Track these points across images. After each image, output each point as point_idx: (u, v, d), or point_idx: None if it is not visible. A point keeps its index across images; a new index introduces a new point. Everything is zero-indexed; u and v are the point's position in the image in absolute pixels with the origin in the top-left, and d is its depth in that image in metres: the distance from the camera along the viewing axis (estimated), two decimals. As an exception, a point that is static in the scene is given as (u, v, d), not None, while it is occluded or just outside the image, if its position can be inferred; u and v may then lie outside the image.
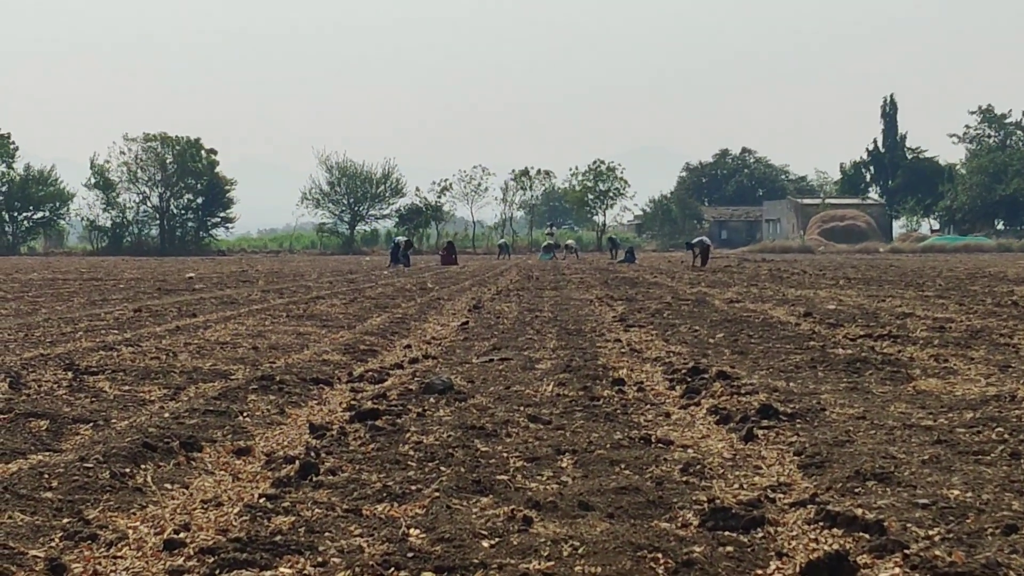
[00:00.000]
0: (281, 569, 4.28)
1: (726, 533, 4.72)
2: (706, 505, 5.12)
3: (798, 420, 7.35)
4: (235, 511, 5.18)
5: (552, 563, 4.28)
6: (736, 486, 5.65)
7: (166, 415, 7.69)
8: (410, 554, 4.40)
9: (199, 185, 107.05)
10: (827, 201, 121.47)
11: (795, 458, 6.24)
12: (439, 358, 11.66)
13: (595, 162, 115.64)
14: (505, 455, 6.42)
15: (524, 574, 4.13)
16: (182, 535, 4.78)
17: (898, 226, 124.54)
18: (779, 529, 4.81)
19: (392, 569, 4.25)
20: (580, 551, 4.43)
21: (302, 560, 4.39)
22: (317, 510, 5.15)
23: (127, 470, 5.95)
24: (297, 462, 6.11)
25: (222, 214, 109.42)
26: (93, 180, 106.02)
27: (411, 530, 4.77)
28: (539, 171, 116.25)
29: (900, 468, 5.76)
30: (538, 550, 4.44)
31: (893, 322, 15.08)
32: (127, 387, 9.23)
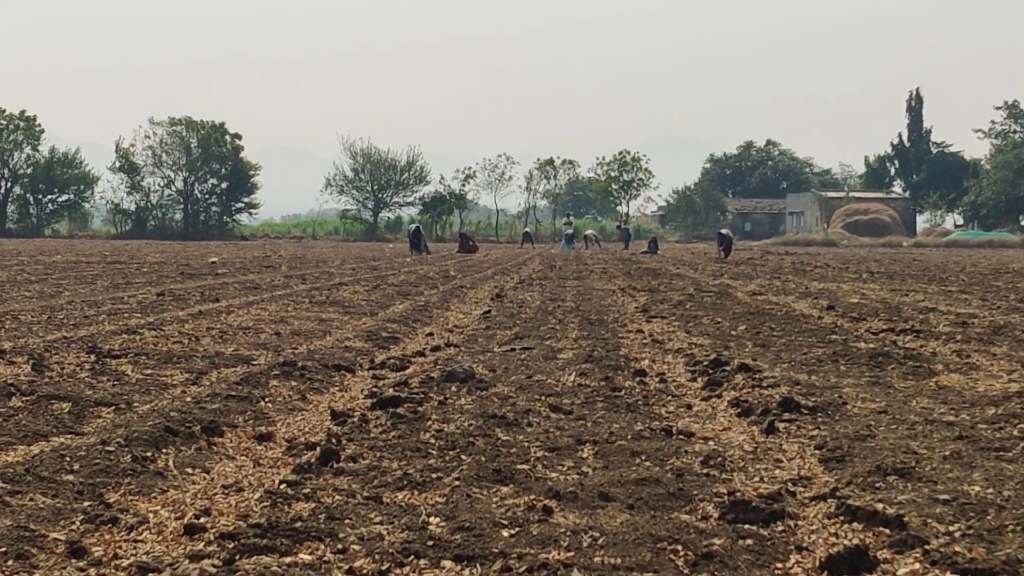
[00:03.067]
0: (301, 555, 4.29)
1: (746, 526, 4.72)
2: (726, 498, 5.12)
3: (819, 414, 7.34)
4: (256, 497, 5.19)
5: (572, 553, 4.28)
6: (757, 479, 5.64)
7: (188, 399, 7.72)
8: (430, 542, 4.41)
9: (223, 170, 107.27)
10: (851, 194, 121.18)
11: (816, 452, 6.23)
12: (461, 346, 11.67)
13: (621, 152, 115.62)
14: (526, 444, 6.42)
15: (544, 564, 4.13)
16: (203, 520, 4.79)
17: (922, 220, 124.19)
18: (799, 523, 4.81)
19: (412, 557, 4.26)
20: (600, 542, 4.43)
21: (322, 547, 4.40)
22: (338, 497, 5.16)
23: (148, 454, 5.97)
24: (318, 448, 6.12)
25: (246, 199, 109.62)
26: (118, 163, 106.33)
27: (431, 518, 4.78)
28: (563, 160, 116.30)
29: (921, 463, 5.74)
30: (558, 540, 4.44)
31: (916, 317, 15.03)
32: (149, 371, 9.26)
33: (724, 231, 49.87)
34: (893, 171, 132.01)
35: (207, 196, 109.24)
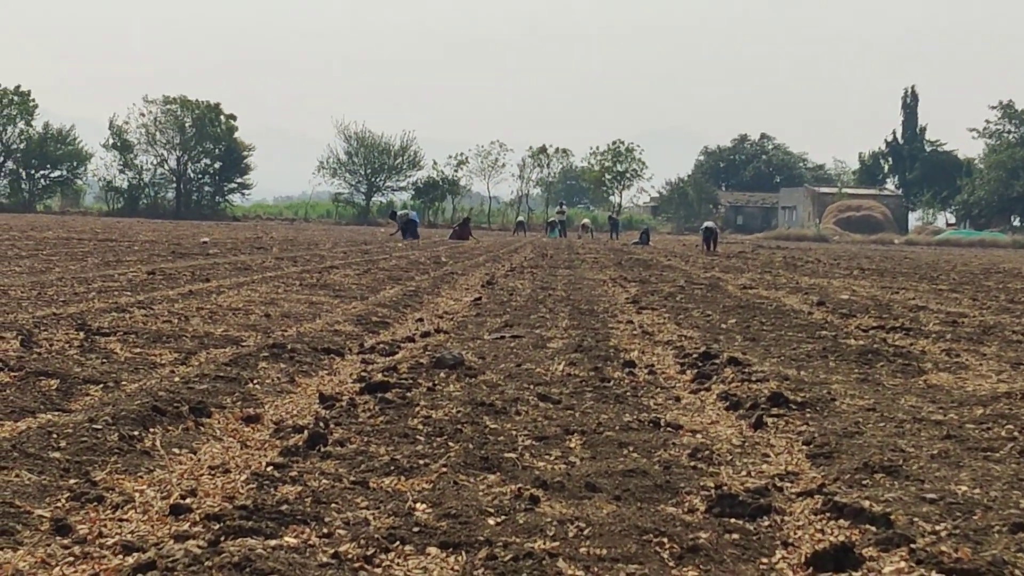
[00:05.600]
0: (286, 538, 4.28)
1: (732, 520, 4.71)
2: (713, 491, 5.11)
3: (808, 409, 7.33)
4: (242, 478, 5.18)
5: (557, 543, 4.28)
6: (744, 473, 5.64)
7: (176, 379, 7.70)
8: (416, 528, 4.40)
9: (217, 150, 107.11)
10: (844, 191, 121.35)
11: (804, 447, 6.23)
12: (451, 333, 11.66)
13: (615, 142, 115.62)
14: (514, 433, 6.41)
15: (529, 553, 4.12)
16: (188, 500, 4.78)
17: (914, 218, 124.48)
18: (786, 518, 4.81)
19: (397, 543, 4.25)
20: (586, 532, 4.42)
21: (308, 530, 4.39)
22: (324, 481, 5.15)
23: (136, 433, 5.96)
24: (306, 432, 6.11)
25: (239, 180, 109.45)
26: (111, 141, 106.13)
27: (417, 504, 4.77)
28: (557, 149, 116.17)
29: (908, 462, 5.74)
30: (544, 530, 4.43)
31: (906, 314, 15.05)
32: (138, 349, 9.23)
33: (709, 224, 49.81)
34: (887, 168, 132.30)
35: (200, 176, 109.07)
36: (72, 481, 5.00)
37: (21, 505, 4.55)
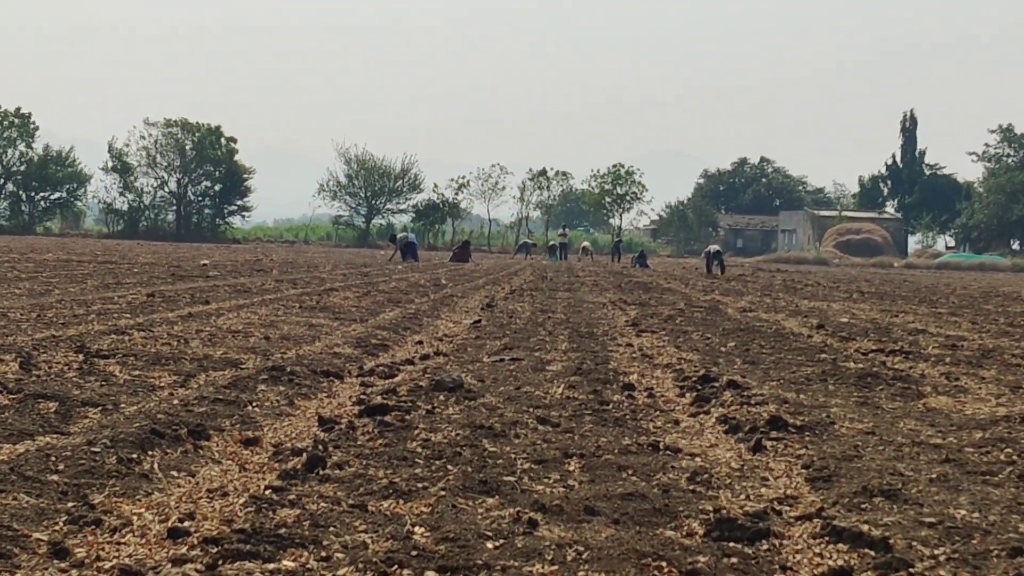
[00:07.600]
0: (284, 562, 4.27)
1: (731, 544, 4.71)
2: (712, 515, 5.11)
3: (807, 433, 7.33)
4: (240, 502, 5.17)
5: (556, 567, 4.27)
6: (743, 497, 5.64)
7: (175, 402, 7.70)
8: (414, 552, 4.39)
9: (217, 172, 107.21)
10: (844, 214, 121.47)
11: (803, 471, 6.22)
12: (450, 355, 11.66)
13: (615, 165, 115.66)
14: (513, 456, 6.41)
15: (527, 577, 4.12)
16: (187, 524, 4.77)
17: (913, 241, 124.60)
18: (784, 542, 4.80)
19: (396, 567, 4.24)
20: (584, 556, 4.42)
21: (306, 554, 4.39)
22: (323, 504, 5.14)
23: (134, 456, 5.95)
24: (304, 455, 6.10)
25: (239, 202, 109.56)
26: (111, 163, 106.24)
27: (416, 528, 4.76)
28: (557, 172, 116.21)
29: (907, 485, 5.74)
30: (542, 553, 4.43)
31: (905, 338, 15.05)
32: (137, 372, 9.23)
33: (714, 247, 49.67)
34: (886, 191, 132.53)
35: (200, 198, 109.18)
36: (70, 504, 5.00)
37: (19, 528, 4.54)
